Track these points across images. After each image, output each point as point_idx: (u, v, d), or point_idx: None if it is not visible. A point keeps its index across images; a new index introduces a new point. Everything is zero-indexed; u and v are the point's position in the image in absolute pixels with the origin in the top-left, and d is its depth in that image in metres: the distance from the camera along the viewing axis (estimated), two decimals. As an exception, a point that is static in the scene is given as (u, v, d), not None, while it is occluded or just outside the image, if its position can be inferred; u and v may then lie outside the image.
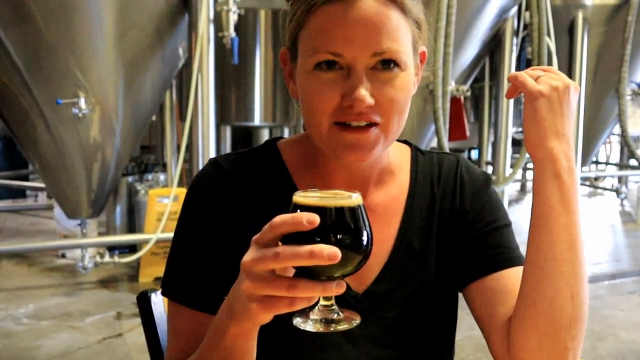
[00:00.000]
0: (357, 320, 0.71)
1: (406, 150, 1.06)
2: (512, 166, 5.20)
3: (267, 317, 0.71)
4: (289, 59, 0.94)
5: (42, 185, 6.00)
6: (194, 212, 0.97)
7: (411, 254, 0.99)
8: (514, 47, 5.00)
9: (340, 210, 0.67)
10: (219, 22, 4.02)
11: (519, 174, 8.10)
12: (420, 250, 0.99)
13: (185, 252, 0.96)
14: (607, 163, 9.30)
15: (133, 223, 4.96)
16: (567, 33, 5.22)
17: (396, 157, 1.03)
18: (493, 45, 5.05)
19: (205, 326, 0.87)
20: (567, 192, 0.86)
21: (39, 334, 3.45)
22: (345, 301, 0.95)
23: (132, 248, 4.67)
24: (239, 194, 0.96)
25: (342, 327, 0.70)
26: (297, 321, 0.71)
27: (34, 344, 3.32)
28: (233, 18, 3.94)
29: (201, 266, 0.94)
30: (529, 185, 9.30)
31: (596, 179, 8.79)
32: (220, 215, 0.95)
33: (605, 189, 8.72)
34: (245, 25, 4.51)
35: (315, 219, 0.64)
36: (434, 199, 1.02)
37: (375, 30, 0.84)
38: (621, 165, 8.46)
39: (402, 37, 0.86)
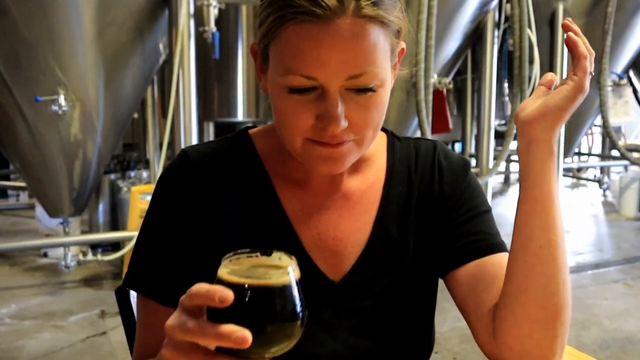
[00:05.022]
0: None
1: (382, 137, 1.04)
2: (495, 158, 5.21)
3: None
4: (259, 55, 0.88)
5: (23, 184, 5.94)
6: (161, 205, 0.95)
7: (389, 241, 0.97)
8: (496, 40, 5.02)
9: (261, 290, 0.61)
10: (199, 16, 3.98)
11: (502, 166, 8.14)
12: (398, 238, 0.98)
13: (151, 244, 0.94)
14: (589, 154, 9.37)
15: (116, 221, 4.92)
16: (548, 25, 5.24)
17: (372, 144, 1.02)
18: (475, 38, 5.06)
19: None
20: (556, 178, 0.86)
21: (22, 334, 3.41)
22: (321, 290, 0.94)
23: (115, 246, 4.63)
24: (208, 185, 0.94)
25: None
26: None
27: (16, 344, 3.28)
28: (214, 12, 3.92)
29: (167, 259, 0.92)
30: (513, 177, 9.37)
31: (579, 169, 8.85)
32: (188, 207, 0.93)
33: (587, 179, 8.79)
34: (226, 19, 4.48)
35: (229, 297, 0.59)
36: (412, 186, 1.00)
37: (351, 54, 0.78)
38: (603, 156, 8.52)
39: (380, 54, 0.81)
